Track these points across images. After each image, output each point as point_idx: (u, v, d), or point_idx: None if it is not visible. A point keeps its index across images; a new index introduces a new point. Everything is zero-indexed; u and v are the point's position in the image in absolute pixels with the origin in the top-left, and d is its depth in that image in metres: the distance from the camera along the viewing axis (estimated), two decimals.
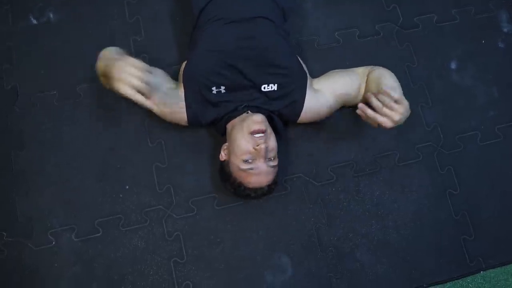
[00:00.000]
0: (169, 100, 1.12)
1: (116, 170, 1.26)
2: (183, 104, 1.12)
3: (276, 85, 1.10)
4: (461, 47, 1.39)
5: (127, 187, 1.25)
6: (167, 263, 1.21)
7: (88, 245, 1.21)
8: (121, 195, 1.25)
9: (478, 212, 1.28)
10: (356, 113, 1.30)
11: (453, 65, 1.37)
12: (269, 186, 1.10)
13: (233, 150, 1.07)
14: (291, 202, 1.26)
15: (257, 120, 1.05)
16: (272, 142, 1.06)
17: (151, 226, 1.23)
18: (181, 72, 1.17)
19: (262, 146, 1.02)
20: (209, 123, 1.15)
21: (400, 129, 1.31)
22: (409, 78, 1.35)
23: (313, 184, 1.27)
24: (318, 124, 1.29)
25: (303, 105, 1.14)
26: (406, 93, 1.30)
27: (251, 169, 1.05)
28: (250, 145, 1.04)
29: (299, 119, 1.17)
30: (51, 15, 1.36)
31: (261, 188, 1.08)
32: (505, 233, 1.28)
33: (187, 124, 1.17)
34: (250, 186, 1.08)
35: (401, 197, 1.28)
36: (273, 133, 1.09)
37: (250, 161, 1.05)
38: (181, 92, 1.13)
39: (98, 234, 1.22)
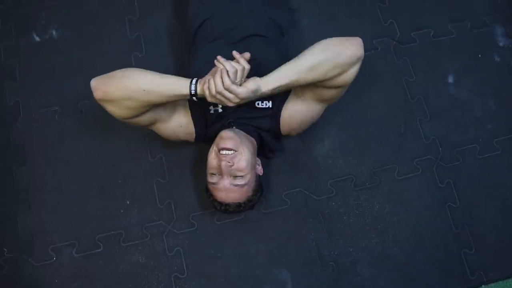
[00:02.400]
0: (179, 120, 1.13)
1: (117, 185, 1.27)
2: (190, 121, 1.13)
3: (270, 102, 1.11)
4: (458, 61, 1.40)
5: (128, 202, 1.26)
6: (167, 279, 1.21)
7: (89, 260, 1.22)
8: (122, 210, 1.25)
9: (478, 225, 1.28)
10: (355, 126, 1.33)
11: (450, 79, 1.39)
12: (238, 205, 1.09)
13: (207, 162, 1.09)
14: (291, 216, 1.26)
15: (224, 137, 1.05)
16: (241, 162, 1.04)
17: (152, 242, 1.23)
18: None
19: (223, 163, 1.02)
20: (207, 139, 1.16)
21: (399, 142, 1.33)
22: (407, 92, 1.37)
23: (313, 198, 1.28)
24: (318, 138, 1.31)
25: (280, 118, 1.12)
26: (405, 106, 1.35)
27: (215, 183, 1.07)
28: (215, 161, 1.05)
29: (283, 131, 1.15)
30: (54, 32, 1.38)
31: (226, 204, 1.08)
32: (506, 246, 1.28)
33: (193, 140, 1.18)
34: (217, 199, 1.09)
35: (401, 211, 1.28)
36: (246, 153, 1.05)
37: (216, 175, 1.06)
38: (187, 110, 1.13)
39: (99, 250, 1.22)
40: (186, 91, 0.97)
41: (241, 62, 0.96)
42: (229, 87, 0.93)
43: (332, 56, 0.95)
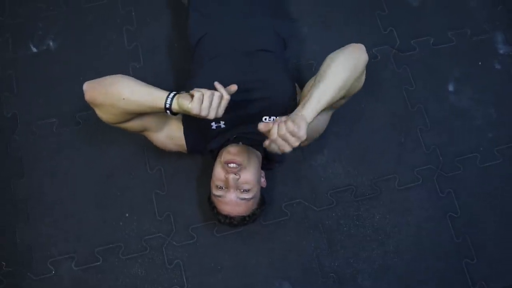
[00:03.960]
0: (169, 132, 1.12)
1: (115, 197, 1.26)
2: (182, 135, 1.12)
3: (278, 118, 1.09)
4: (458, 69, 1.39)
5: (127, 214, 1.25)
6: None
7: (88, 273, 1.21)
8: (121, 223, 1.25)
9: (479, 235, 1.27)
10: (355, 136, 1.32)
11: (450, 87, 1.38)
12: (243, 218, 1.08)
13: (212, 175, 1.08)
14: (291, 227, 1.26)
15: (231, 151, 1.04)
16: (247, 175, 1.04)
17: (151, 254, 1.23)
18: None
19: (230, 176, 1.02)
20: (207, 153, 1.15)
21: (399, 152, 1.32)
22: (407, 100, 1.36)
23: (313, 209, 1.27)
24: (317, 149, 1.30)
25: None
26: (405, 115, 1.34)
27: (220, 196, 1.06)
28: (222, 173, 1.05)
29: None
30: (51, 43, 1.38)
31: (231, 218, 1.08)
32: (507, 256, 1.27)
33: (186, 152, 1.17)
34: (221, 212, 1.08)
35: (401, 221, 1.27)
36: (252, 166, 1.06)
37: (222, 188, 1.05)
38: (179, 124, 1.12)
39: (98, 263, 1.22)
40: (161, 105, 0.94)
41: (221, 91, 0.93)
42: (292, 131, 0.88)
43: (353, 69, 0.99)
